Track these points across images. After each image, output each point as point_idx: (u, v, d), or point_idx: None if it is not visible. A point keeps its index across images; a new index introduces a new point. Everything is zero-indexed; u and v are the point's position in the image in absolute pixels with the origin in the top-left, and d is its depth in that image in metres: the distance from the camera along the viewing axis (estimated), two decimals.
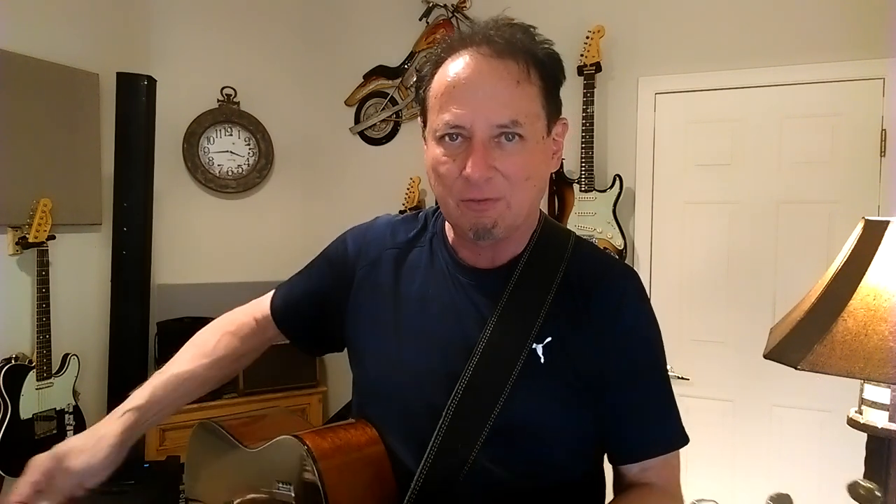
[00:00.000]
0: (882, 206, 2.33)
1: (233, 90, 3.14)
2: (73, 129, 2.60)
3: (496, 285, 0.88)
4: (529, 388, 0.84)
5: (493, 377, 0.83)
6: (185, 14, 3.05)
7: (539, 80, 0.81)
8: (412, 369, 0.90)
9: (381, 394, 0.94)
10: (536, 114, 0.81)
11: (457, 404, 0.83)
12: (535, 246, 0.90)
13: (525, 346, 0.84)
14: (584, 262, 0.91)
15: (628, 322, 0.88)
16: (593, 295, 0.87)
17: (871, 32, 2.33)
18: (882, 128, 2.33)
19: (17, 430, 2.25)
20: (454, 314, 0.89)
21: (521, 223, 0.86)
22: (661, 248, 2.69)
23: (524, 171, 0.81)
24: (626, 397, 0.87)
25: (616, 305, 0.87)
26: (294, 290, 1.07)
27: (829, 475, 2.41)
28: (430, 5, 3.06)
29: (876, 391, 1.30)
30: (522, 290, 0.87)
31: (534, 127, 0.81)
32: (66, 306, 2.56)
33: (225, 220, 3.16)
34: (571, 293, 0.88)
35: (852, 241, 1.29)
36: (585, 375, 0.85)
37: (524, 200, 0.83)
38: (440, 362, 0.88)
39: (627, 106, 2.72)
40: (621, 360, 0.86)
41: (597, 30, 2.65)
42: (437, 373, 0.87)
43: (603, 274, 0.90)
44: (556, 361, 0.85)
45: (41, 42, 2.49)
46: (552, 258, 0.90)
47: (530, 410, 0.84)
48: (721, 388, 2.58)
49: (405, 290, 0.94)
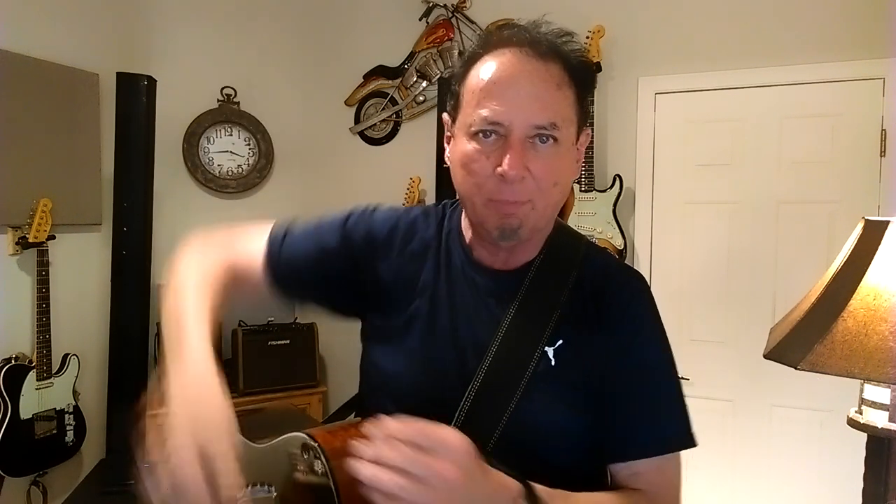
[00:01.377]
0: (882, 206, 2.33)
1: (233, 90, 3.14)
2: (73, 129, 2.60)
3: (510, 287, 0.88)
4: (541, 390, 0.83)
5: (505, 379, 0.83)
6: (185, 14, 3.05)
7: (575, 86, 0.83)
8: (426, 367, 0.89)
9: (393, 388, 0.92)
10: (571, 119, 0.82)
11: (469, 405, 0.83)
12: (549, 250, 0.90)
13: (537, 349, 0.84)
14: (595, 268, 0.91)
15: (636, 324, 0.88)
16: (603, 299, 0.88)
17: (871, 32, 2.33)
18: (882, 128, 2.33)
19: (17, 430, 2.25)
20: (468, 314, 0.89)
21: (543, 226, 0.87)
22: (661, 248, 2.69)
23: (554, 175, 0.81)
24: (624, 395, 0.85)
25: (624, 308, 0.88)
26: (298, 253, 0.95)
27: (829, 475, 2.41)
28: (430, 5, 3.06)
29: (876, 391, 1.30)
30: (535, 294, 0.87)
31: (567, 132, 0.82)
32: (66, 306, 2.56)
33: (225, 220, 3.14)
34: (582, 297, 0.88)
35: (852, 241, 1.29)
36: (595, 379, 0.85)
37: (549, 205, 0.83)
38: (454, 362, 0.87)
39: (627, 106, 2.72)
40: (627, 360, 0.86)
41: (597, 30, 2.65)
42: (450, 372, 0.87)
43: (613, 278, 0.91)
44: (567, 365, 0.85)
45: (41, 42, 2.49)
46: (565, 262, 0.90)
47: (541, 413, 0.84)
48: (721, 388, 2.58)
49: (422, 285, 0.92)
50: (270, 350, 2.87)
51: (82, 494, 2.23)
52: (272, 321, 2.98)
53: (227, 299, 0.90)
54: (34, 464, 2.34)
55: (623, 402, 0.85)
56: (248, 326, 2.91)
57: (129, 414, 0.76)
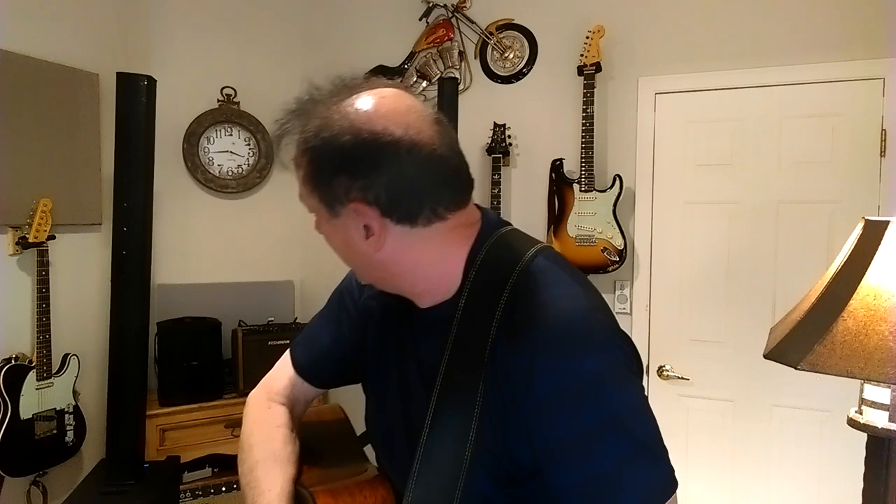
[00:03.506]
0: (882, 206, 2.33)
1: (233, 90, 3.14)
2: (73, 129, 2.60)
3: (437, 324, 0.82)
4: (483, 471, 0.76)
5: (447, 455, 0.77)
6: (185, 14, 3.05)
7: (306, 164, 0.80)
8: (389, 422, 0.92)
9: (375, 441, 0.97)
10: (307, 194, 0.82)
11: (416, 475, 0.78)
12: (472, 286, 0.81)
13: (470, 427, 0.75)
14: (511, 315, 0.77)
15: (544, 390, 0.72)
16: (501, 366, 0.75)
17: (871, 32, 2.33)
18: (882, 128, 2.33)
19: (17, 430, 2.25)
20: (407, 362, 0.88)
21: (369, 278, 0.87)
22: (661, 248, 2.69)
23: (330, 241, 0.85)
24: (562, 479, 0.72)
25: (526, 373, 0.73)
26: (317, 343, 1.06)
27: (829, 475, 2.41)
28: (430, 5, 3.06)
29: (876, 391, 1.30)
30: (462, 343, 0.79)
31: (310, 205, 0.83)
32: (66, 306, 2.57)
33: (225, 220, 3.16)
34: (494, 365, 0.76)
35: (852, 241, 1.30)
36: (523, 464, 0.76)
37: (351, 265, 0.88)
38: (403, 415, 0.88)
39: (627, 106, 2.72)
40: (546, 435, 0.73)
41: (597, 30, 2.65)
42: (399, 432, 0.88)
43: (514, 333, 0.75)
44: (492, 452, 0.76)
45: (41, 42, 2.49)
46: (486, 307, 0.78)
47: (488, 493, 0.78)
48: (721, 388, 2.58)
49: (381, 331, 0.95)
50: (270, 350, 2.86)
51: (82, 494, 2.23)
52: (272, 321, 2.98)
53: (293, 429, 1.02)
54: (34, 464, 2.33)
55: (563, 490, 0.72)
56: (248, 326, 2.91)
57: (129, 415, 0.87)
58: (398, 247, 0.79)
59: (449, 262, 0.82)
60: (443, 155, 0.77)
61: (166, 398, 2.71)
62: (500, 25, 2.95)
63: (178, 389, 2.72)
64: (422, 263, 0.81)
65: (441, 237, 0.80)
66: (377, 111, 0.76)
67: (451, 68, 3.06)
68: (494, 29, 2.96)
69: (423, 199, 0.77)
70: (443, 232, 0.80)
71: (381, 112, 0.76)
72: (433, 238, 0.80)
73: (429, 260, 0.81)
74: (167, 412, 2.67)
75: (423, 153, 0.76)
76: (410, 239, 0.79)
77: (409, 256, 0.80)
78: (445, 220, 0.80)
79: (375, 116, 0.75)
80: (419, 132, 0.76)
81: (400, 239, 0.79)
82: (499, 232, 0.85)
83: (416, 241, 0.79)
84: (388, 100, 0.78)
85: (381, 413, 0.95)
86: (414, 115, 0.77)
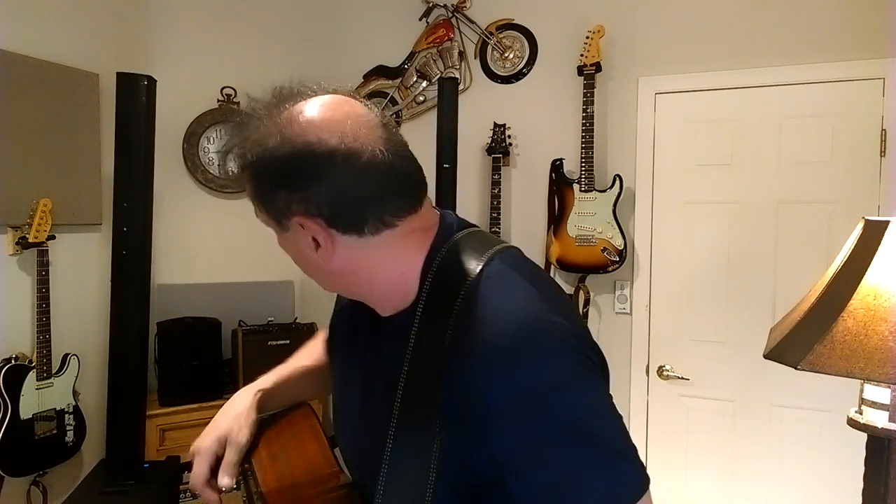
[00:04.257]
0: (882, 206, 2.33)
1: (233, 90, 3.14)
2: (73, 129, 2.60)
3: (397, 331, 0.81)
4: (447, 484, 0.74)
5: (412, 472, 0.75)
6: (185, 14, 3.05)
7: (249, 179, 0.79)
8: (352, 428, 0.92)
9: (341, 448, 0.96)
10: (259, 209, 0.81)
11: (382, 493, 0.76)
12: (430, 290, 0.79)
13: (433, 441, 0.74)
14: (462, 330, 0.74)
15: (495, 403, 0.70)
16: (455, 379, 0.73)
17: (871, 32, 2.33)
18: (882, 128, 2.33)
19: (17, 430, 2.25)
20: (372, 372, 0.87)
21: (328, 286, 0.86)
22: (661, 248, 2.69)
23: (288, 251, 0.84)
24: (524, 489, 0.70)
25: (475, 387, 0.71)
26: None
27: (829, 475, 2.41)
28: (430, 5, 3.06)
29: (876, 391, 1.30)
30: (421, 351, 0.78)
31: (265, 219, 0.82)
32: (66, 306, 2.57)
33: (225, 220, 3.16)
34: (450, 377, 0.73)
35: (852, 241, 1.30)
36: (484, 475, 0.74)
37: (311, 275, 0.86)
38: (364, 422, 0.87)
39: (627, 106, 2.72)
40: (504, 446, 0.71)
41: (597, 30, 2.65)
42: (363, 444, 0.87)
43: (463, 346, 0.73)
44: (454, 465, 0.74)
45: (41, 42, 2.49)
46: (440, 316, 0.76)
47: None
48: (721, 388, 2.58)
49: (350, 337, 0.95)
50: (270, 350, 2.86)
51: (82, 494, 2.23)
52: (272, 321, 2.98)
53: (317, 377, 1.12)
54: (34, 464, 2.33)
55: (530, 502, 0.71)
56: (248, 326, 2.91)
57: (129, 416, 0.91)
58: (350, 257, 0.78)
59: (404, 269, 0.80)
60: (386, 161, 0.74)
61: (166, 398, 2.71)
62: (500, 25, 2.95)
63: (178, 389, 2.72)
64: (377, 271, 0.80)
65: (394, 244, 0.78)
66: (311, 122, 0.74)
67: (451, 68, 3.06)
68: (494, 29, 2.96)
69: (367, 207, 0.75)
70: (395, 238, 0.78)
71: (314, 122, 0.74)
72: (385, 245, 0.78)
73: (383, 268, 0.80)
74: (167, 412, 2.67)
75: (362, 161, 0.73)
76: (361, 248, 0.77)
77: (363, 265, 0.79)
78: (395, 227, 0.77)
79: (309, 127, 0.73)
80: (356, 139, 0.73)
81: (350, 249, 0.77)
82: (456, 236, 0.82)
83: (368, 250, 0.78)
84: (324, 108, 0.76)
85: (345, 422, 0.94)
86: (351, 121, 0.74)
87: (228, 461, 0.92)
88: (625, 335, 2.74)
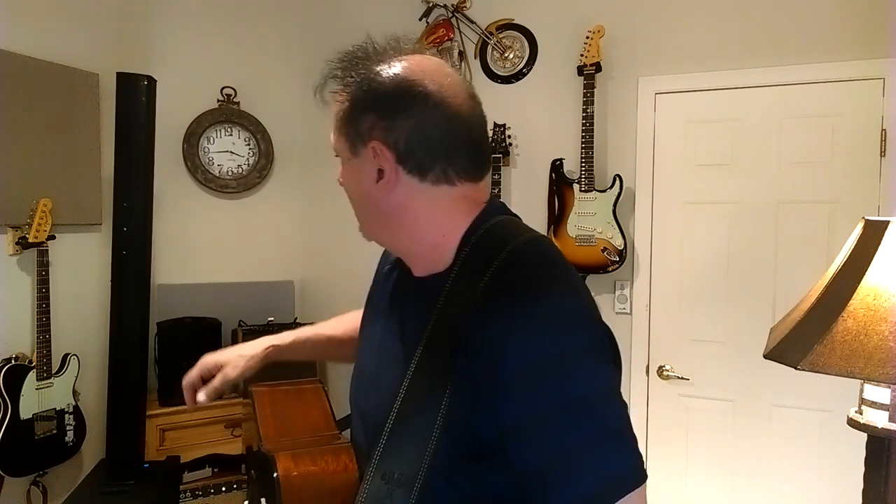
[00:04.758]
0: (882, 206, 2.33)
1: (233, 90, 3.14)
2: (73, 129, 2.60)
3: (428, 294, 0.83)
4: (448, 443, 0.76)
5: (417, 425, 0.77)
6: (185, 14, 3.05)
7: (346, 100, 0.85)
8: (365, 384, 0.94)
9: (351, 402, 0.98)
10: (338, 132, 0.87)
11: (385, 441, 0.79)
12: (466, 259, 0.82)
13: (443, 399, 0.75)
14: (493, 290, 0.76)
15: (512, 363, 0.71)
16: (476, 338, 0.74)
17: (871, 32, 2.33)
18: (882, 128, 2.33)
19: (17, 430, 2.25)
20: (392, 329, 0.90)
21: (370, 232, 0.90)
22: (661, 248, 2.69)
23: (345, 182, 0.89)
24: (524, 457, 0.71)
25: (496, 345, 0.72)
26: None
27: (829, 475, 2.41)
28: (430, 5, 3.06)
29: (876, 391, 1.30)
30: (447, 312, 0.80)
31: (339, 145, 0.87)
32: (66, 306, 2.57)
33: (225, 220, 3.16)
34: (469, 337, 0.75)
35: (852, 241, 1.30)
36: (488, 442, 0.74)
37: (358, 212, 0.90)
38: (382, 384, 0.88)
39: (627, 106, 2.72)
40: (511, 411, 0.71)
41: (597, 30, 2.65)
42: (373, 398, 0.89)
43: (492, 304, 0.75)
44: (458, 426, 0.75)
45: (41, 42, 2.49)
46: (473, 278, 0.78)
47: (448, 466, 0.76)
48: (721, 388, 2.58)
49: (376, 307, 0.98)
50: None
51: (82, 494, 2.23)
52: (272, 321, 2.98)
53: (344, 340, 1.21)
54: (34, 464, 2.34)
55: (527, 465, 0.71)
56: (248, 326, 2.91)
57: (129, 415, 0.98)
58: (404, 197, 0.83)
59: (447, 231, 0.84)
60: (468, 122, 0.82)
61: (166, 398, 2.71)
62: (500, 25, 2.95)
63: (178, 389, 2.70)
64: (421, 222, 0.84)
65: (445, 201, 0.83)
66: (418, 66, 0.82)
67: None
68: (494, 29, 2.96)
69: (438, 155, 0.81)
70: (448, 196, 0.83)
71: (421, 67, 0.82)
72: (438, 200, 0.83)
73: (429, 221, 0.84)
74: (167, 412, 2.67)
75: (450, 112, 0.80)
76: (417, 193, 0.82)
77: (412, 211, 0.83)
78: (454, 186, 0.83)
79: (416, 69, 0.82)
80: (452, 95, 0.81)
81: (407, 189, 0.82)
82: (500, 217, 0.86)
83: (422, 196, 0.82)
84: (431, 63, 0.84)
85: (361, 380, 0.96)
86: (450, 80, 0.83)
87: (212, 385, 1.12)
88: (625, 335, 2.74)
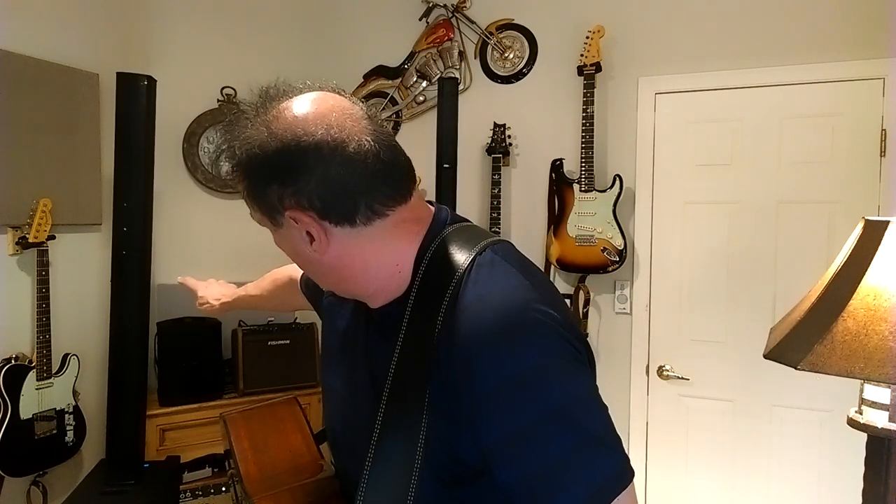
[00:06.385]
0: (882, 206, 2.33)
1: (233, 90, 3.14)
2: (73, 129, 2.60)
3: (388, 323, 0.82)
4: (431, 472, 0.76)
5: (398, 458, 0.76)
6: (185, 14, 3.05)
7: (243, 178, 0.80)
8: (340, 422, 0.93)
9: (329, 439, 0.97)
10: (252, 207, 0.83)
11: (367, 478, 0.77)
12: (420, 284, 0.80)
13: (420, 428, 0.75)
14: (454, 314, 0.75)
15: (484, 385, 0.71)
16: (445, 364, 0.74)
17: (871, 32, 2.33)
18: (882, 128, 2.33)
19: (17, 430, 2.25)
20: (359, 363, 0.88)
21: (328, 283, 0.89)
22: (661, 248, 2.69)
23: (285, 249, 0.86)
24: (510, 474, 0.71)
25: (465, 370, 0.72)
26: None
27: (829, 475, 2.41)
28: (430, 5, 3.06)
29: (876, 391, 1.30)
30: (412, 338, 0.78)
31: (258, 218, 0.84)
32: (66, 306, 2.56)
33: (225, 220, 3.16)
34: (439, 362, 0.75)
35: (852, 241, 1.30)
36: (469, 464, 0.75)
37: (309, 272, 0.90)
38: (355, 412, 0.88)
39: (627, 106, 2.72)
40: (491, 431, 0.71)
41: (597, 30, 2.65)
42: (351, 433, 0.89)
43: (455, 329, 0.74)
44: (440, 453, 0.75)
45: (41, 42, 2.49)
46: (432, 306, 0.77)
47: (432, 495, 0.76)
48: (721, 388, 2.58)
49: (340, 330, 0.96)
50: (270, 350, 2.86)
51: (82, 494, 2.23)
52: (272, 321, 2.98)
53: (279, 288, 1.52)
54: (34, 464, 2.33)
55: (511, 483, 0.71)
56: (248, 326, 2.91)
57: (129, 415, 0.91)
58: (344, 249, 0.79)
59: (398, 259, 0.81)
60: (372, 150, 0.76)
61: (166, 398, 2.71)
62: (500, 25, 2.95)
63: (178, 389, 2.72)
64: (371, 263, 0.81)
65: (386, 234, 0.80)
66: (297, 116, 0.76)
67: (451, 68, 3.06)
68: (494, 29, 2.96)
69: (357, 197, 0.76)
70: (387, 228, 0.79)
71: (301, 116, 0.76)
72: (378, 236, 0.79)
73: (377, 259, 0.81)
74: (167, 412, 2.67)
75: (349, 150, 0.74)
76: (355, 239, 0.79)
77: (358, 258, 0.80)
78: (387, 217, 0.79)
79: (296, 121, 0.75)
80: (341, 130, 0.75)
81: (344, 241, 0.79)
82: (449, 228, 0.84)
83: (361, 240, 0.79)
84: (310, 103, 0.78)
85: (335, 411, 0.95)
86: (336, 114, 0.76)
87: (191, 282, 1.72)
88: (625, 335, 2.74)
